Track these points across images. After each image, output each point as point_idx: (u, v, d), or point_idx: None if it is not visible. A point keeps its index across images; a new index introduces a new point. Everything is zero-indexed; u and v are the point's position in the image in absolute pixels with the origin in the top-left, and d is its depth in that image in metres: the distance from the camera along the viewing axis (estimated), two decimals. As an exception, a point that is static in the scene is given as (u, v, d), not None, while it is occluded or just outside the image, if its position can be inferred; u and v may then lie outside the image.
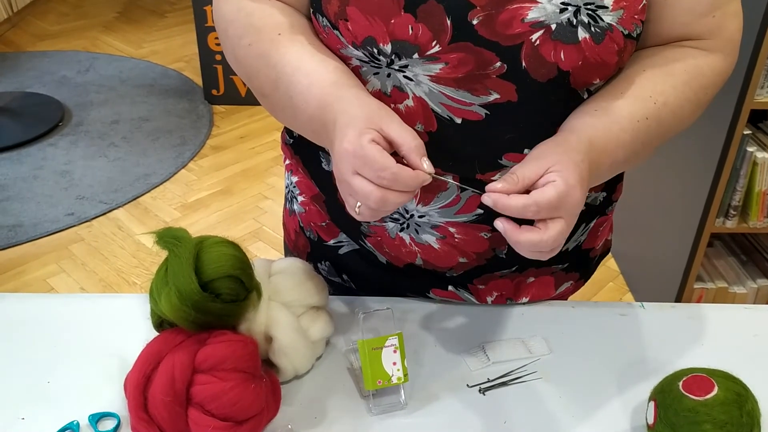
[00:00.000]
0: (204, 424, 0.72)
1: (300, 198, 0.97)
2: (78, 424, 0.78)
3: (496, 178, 0.80)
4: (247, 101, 3.51)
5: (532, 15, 0.69)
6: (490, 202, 0.67)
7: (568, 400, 0.82)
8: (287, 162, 0.99)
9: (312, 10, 0.77)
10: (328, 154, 0.88)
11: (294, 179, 0.98)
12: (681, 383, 0.73)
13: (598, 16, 0.69)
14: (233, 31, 0.78)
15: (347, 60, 0.76)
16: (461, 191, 0.81)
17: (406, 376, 0.80)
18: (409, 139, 0.66)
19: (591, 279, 1.06)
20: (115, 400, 0.80)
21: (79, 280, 2.41)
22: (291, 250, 1.04)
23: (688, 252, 1.94)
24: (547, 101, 0.75)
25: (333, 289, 0.99)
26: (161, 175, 2.96)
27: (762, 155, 1.78)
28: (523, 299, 0.95)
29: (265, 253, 2.53)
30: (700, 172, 1.85)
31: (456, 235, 0.86)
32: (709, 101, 0.81)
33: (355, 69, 0.76)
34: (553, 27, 0.69)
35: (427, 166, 0.66)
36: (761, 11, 1.56)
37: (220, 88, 3.48)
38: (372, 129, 0.66)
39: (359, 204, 0.67)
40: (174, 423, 0.72)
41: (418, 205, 0.83)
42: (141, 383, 0.73)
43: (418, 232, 0.86)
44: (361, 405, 0.81)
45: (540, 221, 0.67)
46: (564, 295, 0.99)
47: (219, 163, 3.08)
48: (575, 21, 0.69)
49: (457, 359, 0.87)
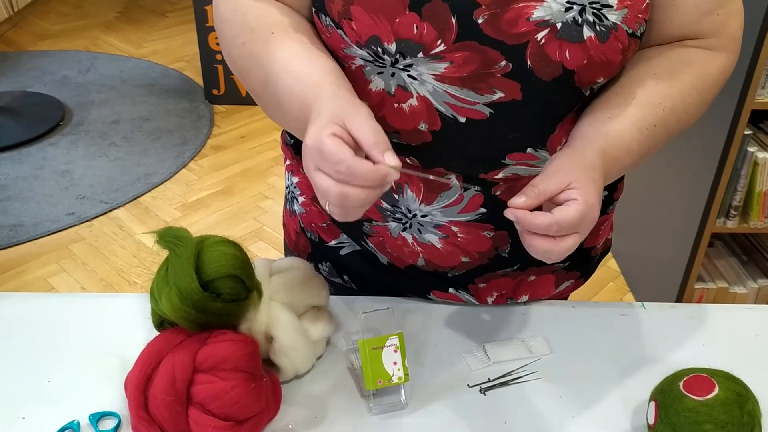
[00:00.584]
0: (204, 423, 0.72)
1: (301, 198, 0.97)
2: (78, 423, 0.78)
3: (499, 177, 0.80)
4: (248, 101, 3.51)
5: (538, 14, 0.69)
6: (513, 218, 0.68)
7: (569, 400, 0.82)
8: (288, 162, 0.99)
9: (315, 9, 0.76)
10: None
11: (295, 180, 0.98)
12: (682, 383, 0.73)
13: (603, 15, 0.70)
14: (229, 30, 0.78)
15: (351, 59, 0.76)
16: (464, 190, 0.81)
17: (406, 375, 0.80)
18: (369, 134, 0.63)
19: (591, 279, 1.06)
20: (115, 400, 0.80)
21: (80, 280, 2.41)
22: (291, 250, 1.04)
23: (689, 252, 1.94)
24: (551, 99, 0.75)
25: (334, 290, 0.98)
26: (162, 174, 2.96)
27: (763, 155, 1.78)
28: (523, 297, 0.95)
29: (266, 253, 2.53)
30: (701, 172, 1.85)
31: (459, 235, 0.86)
32: (713, 100, 0.82)
33: (358, 68, 0.76)
34: (559, 26, 0.69)
35: (389, 160, 0.62)
36: (762, 12, 1.56)
37: (220, 87, 3.48)
38: (334, 123, 0.63)
39: (327, 202, 0.64)
40: (174, 422, 0.72)
41: (420, 204, 0.83)
42: (142, 383, 0.73)
43: (420, 232, 0.86)
44: (361, 405, 0.81)
45: None
46: (564, 293, 0.99)
47: (219, 163, 3.09)
48: (580, 20, 0.69)
49: (457, 359, 0.87)
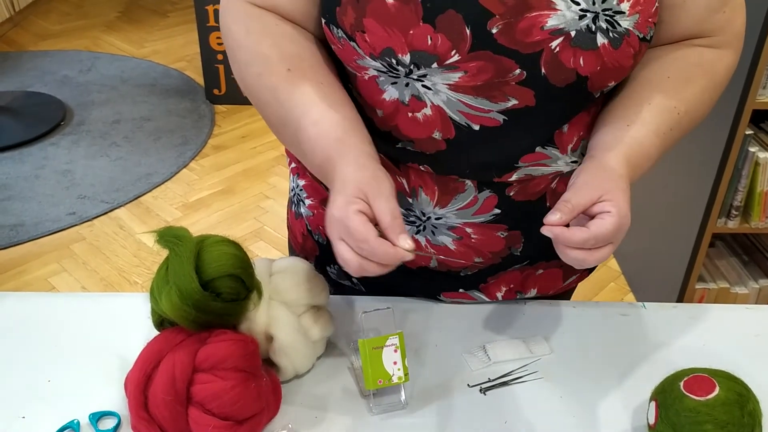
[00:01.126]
0: (204, 423, 0.72)
1: (308, 201, 0.96)
2: (78, 423, 0.78)
3: (513, 179, 0.81)
4: (249, 101, 3.50)
5: (552, 22, 0.69)
6: (550, 235, 0.70)
7: (569, 400, 0.82)
8: (293, 165, 0.99)
9: (324, 21, 0.76)
10: None
11: (301, 182, 0.97)
12: (682, 383, 0.73)
13: (616, 22, 0.70)
14: (242, 56, 0.78)
15: (363, 70, 0.76)
16: (479, 192, 0.82)
17: (406, 375, 0.79)
18: (388, 217, 0.68)
19: (592, 279, 1.06)
20: (115, 399, 0.80)
21: (81, 280, 2.41)
22: (298, 252, 1.03)
23: (690, 252, 1.94)
24: (563, 104, 0.76)
25: (342, 293, 0.98)
26: (163, 174, 2.96)
27: (764, 155, 1.77)
28: (531, 291, 0.95)
29: (267, 253, 2.54)
30: (702, 172, 1.85)
31: (473, 236, 0.86)
32: (719, 96, 0.84)
33: (371, 78, 0.76)
34: (573, 34, 0.69)
35: (404, 242, 0.67)
36: (762, 12, 1.56)
37: (221, 87, 3.48)
38: (359, 199, 0.68)
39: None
40: (174, 422, 0.72)
41: (435, 207, 0.84)
42: (141, 382, 0.73)
43: (434, 234, 0.86)
44: (361, 404, 0.81)
45: None
46: (570, 285, 1.00)
47: (220, 163, 3.09)
48: (594, 27, 0.70)
49: (457, 359, 0.87)
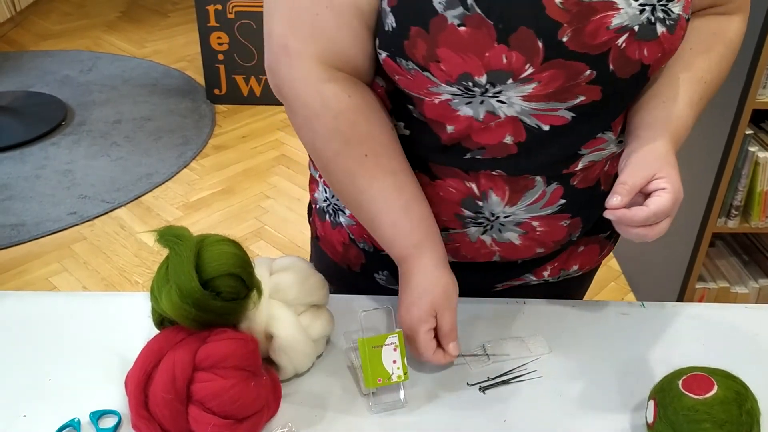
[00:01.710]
0: (204, 421, 0.72)
1: (347, 211, 0.96)
2: (79, 421, 0.78)
3: (579, 169, 0.84)
4: (250, 101, 3.51)
5: (616, 21, 0.71)
6: (613, 218, 0.76)
7: (568, 398, 0.82)
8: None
9: (388, 54, 0.76)
10: None
11: None
12: (681, 382, 0.73)
13: (670, 9, 0.74)
14: (319, 127, 0.79)
15: (436, 96, 0.76)
16: (547, 186, 0.83)
17: (406, 374, 0.80)
18: (447, 327, 0.82)
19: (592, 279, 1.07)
20: (116, 398, 0.80)
21: (81, 279, 2.42)
22: (338, 262, 1.02)
23: (690, 252, 1.94)
24: (626, 93, 0.80)
25: (392, 297, 0.98)
26: (163, 174, 2.97)
27: (764, 155, 1.77)
28: (573, 267, 0.98)
29: (267, 253, 2.54)
30: (702, 171, 1.85)
31: (538, 229, 0.88)
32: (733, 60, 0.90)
33: (443, 102, 0.77)
34: (636, 28, 0.72)
35: (453, 350, 0.82)
36: (763, 12, 1.56)
37: (222, 87, 3.49)
38: (431, 317, 0.81)
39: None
40: (175, 420, 0.72)
41: (505, 207, 0.85)
42: (142, 381, 0.73)
43: (501, 232, 0.88)
44: (361, 403, 0.81)
45: None
46: (601, 260, 1.03)
47: (221, 163, 3.09)
48: (653, 18, 0.73)
49: (457, 358, 0.87)
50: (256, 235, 2.65)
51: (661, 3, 0.73)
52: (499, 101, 0.75)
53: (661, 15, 0.73)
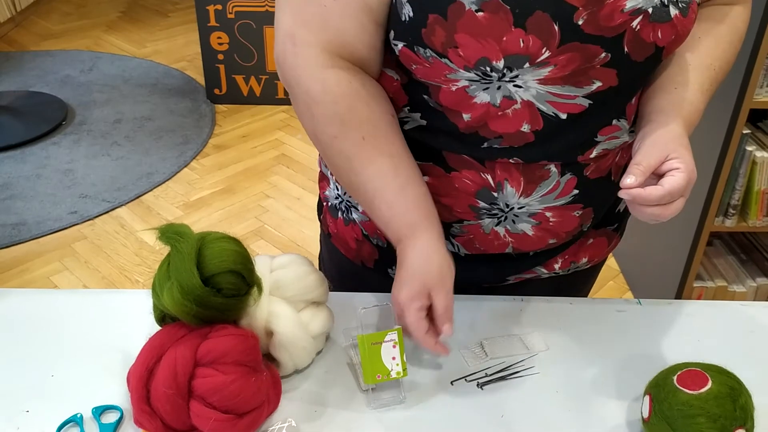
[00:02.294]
0: (205, 416, 0.73)
1: (361, 207, 0.97)
2: (81, 416, 0.79)
3: (593, 157, 0.85)
4: (249, 101, 3.52)
5: (630, 4, 0.72)
6: (628, 197, 0.76)
7: (565, 394, 0.83)
8: None
9: (405, 44, 0.77)
10: None
11: None
12: (675, 377, 0.74)
13: None
14: (319, 114, 0.80)
15: (452, 82, 0.77)
16: (561, 176, 0.85)
17: (405, 370, 0.81)
18: (441, 309, 0.81)
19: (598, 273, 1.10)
20: (117, 394, 0.81)
21: (82, 278, 2.42)
22: (351, 259, 1.03)
23: (688, 251, 1.94)
24: (641, 77, 0.81)
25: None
26: (164, 173, 2.98)
27: (761, 154, 1.78)
28: (583, 260, 0.99)
29: (267, 251, 2.54)
30: (700, 171, 1.84)
31: (551, 219, 0.89)
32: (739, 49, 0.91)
33: (460, 89, 0.78)
34: (650, 11, 0.73)
35: (447, 330, 0.81)
36: (760, 11, 1.57)
37: (222, 87, 3.49)
38: (423, 296, 0.80)
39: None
40: (176, 415, 0.73)
41: (520, 198, 0.86)
42: (144, 376, 0.74)
43: (515, 223, 0.89)
44: (360, 399, 0.82)
45: None
46: (608, 253, 1.04)
47: (221, 162, 3.10)
48: (666, 1, 0.74)
49: (455, 355, 0.88)
50: (256, 234, 2.66)
51: None
52: (515, 86, 0.76)
53: None
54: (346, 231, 1.01)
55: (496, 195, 0.86)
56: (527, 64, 0.73)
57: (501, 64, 0.73)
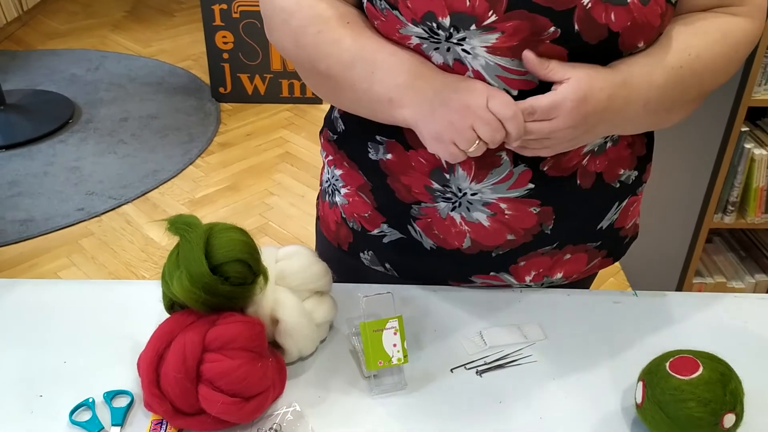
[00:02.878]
0: (213, 399, 0.75)
1: (343, 190, 0.99)
2: (93, 401, 0.81)
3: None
4: (254, 99, 3.55)
5: None
6: (527, 59, 0.75)
7: (562, 381, 0.86)
8: (329, 158, 1.02)
9: None
10: (377, 143, 0.91)
11: (338, 173, 1.00)
12: (668, 364, 0.76)
13: None
14: (297, 21, 0.82)
15: (407, 39, 0.79)
16: (514, 166, 0.85)
17: (405, 357, 0.83)
18: (509, 111, 0.76)
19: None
20: (128, 379, 0.84)
21: (89, 274, 2.45)
22: (331, 241, 1.05)
23: (687, 247, 1.96)
24: (595, 62, 0.79)
25: (375, 280, 1.01)
26: (169, 171, 3.00)
27: (760, 152, 1.80)
28: (557, 275, 0.99)
29: (272, 248, 2.56)
30: (699, 168, 1.88)
31: (506, 212, 0.89)
32: (741, 60, 0.86)
33: (415, 47, 0.80)
34: None
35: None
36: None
37: (227, 86, 3.52)
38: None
39: (477, 142, 0.77)
40: (185, 398, 0.76)
41: (471, 183, 0.87)
42: (154, 361, 0.77)
43: (469, 210, 0.90)
44: (363, 385, 0.84)
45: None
46: (591, 270, 1.03)
47: (226, 160, 3.12)
48: None
49: (455, 344, 0.90)
50: (260, 231, 2.69)
51: None
52: (464, 50, 0.77)
53: None
54: (329, 214, 1.04)
55: (448, 177, 0.87)
56: (473, 26, 0.74)
57: (447, 21, 0.75)
